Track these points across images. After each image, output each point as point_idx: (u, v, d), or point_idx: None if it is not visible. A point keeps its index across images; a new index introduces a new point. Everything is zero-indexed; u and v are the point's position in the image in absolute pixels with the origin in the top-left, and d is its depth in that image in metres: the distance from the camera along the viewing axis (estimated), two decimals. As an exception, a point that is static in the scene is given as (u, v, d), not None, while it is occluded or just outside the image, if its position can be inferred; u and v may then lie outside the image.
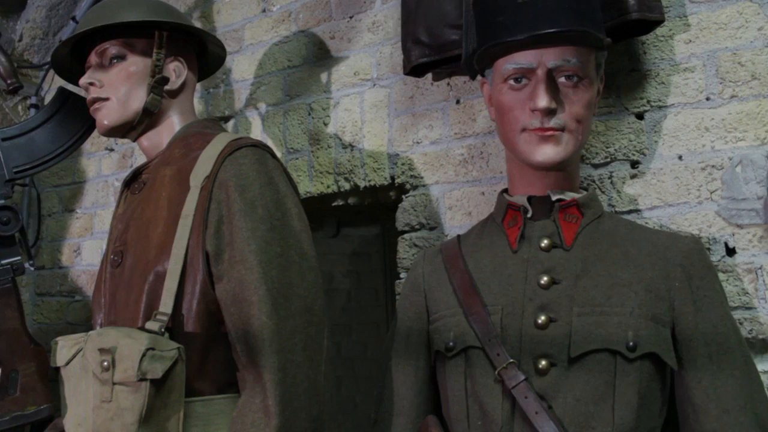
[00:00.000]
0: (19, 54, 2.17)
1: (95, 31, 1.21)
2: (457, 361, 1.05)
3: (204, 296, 1.07)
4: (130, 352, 0.99)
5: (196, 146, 1.21)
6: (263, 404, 1.00)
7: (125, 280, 1.16)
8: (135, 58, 1.23)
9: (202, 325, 1.07)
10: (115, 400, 1.00)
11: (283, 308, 1.03)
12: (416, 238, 1.42)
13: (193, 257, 1.08)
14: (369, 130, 1.51)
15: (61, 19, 2.14)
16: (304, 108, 1.61)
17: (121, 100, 1.22)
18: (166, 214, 1.14)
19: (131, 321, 1.12)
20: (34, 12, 2.09)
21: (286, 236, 1.08)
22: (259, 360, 1.02)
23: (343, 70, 1.57)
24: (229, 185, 1.09)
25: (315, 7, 1.63)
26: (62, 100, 1.36)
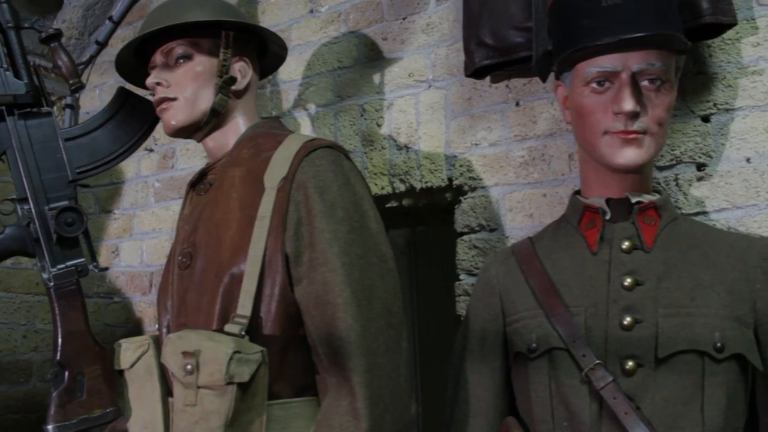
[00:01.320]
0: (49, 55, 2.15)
1: (160, 31, 1.21)
2: (540, 362, 1.05)
3: (283, 298, 1.06)
4: (216, 356, 0.98)
5: (266, 147, 1.20)
6: (351, 407, 0.99)
7: (196, 282, 1.15)
8: (201, 58, 1.22)
9: (280, 327, 1.07)
10: (200, 403, 0.99)
11: (366, 310, 1.03)
12: (476, 240, 1.42)
13: (271, 259, 1.07)
14: (425, 132, 1.50)
15: (97, 19, 2.13)
16: (356, 109, 1.61)
17: (189, 100, 1.21)
18: (239, 216, 1.13)
19: (205, 323, 1.11)
20: (71, 12, 2.07)
21: (365, 238, 1.08)
22: (345, 363, 1.01)
23: (396, 71, 1.56)
24: (308, 186, 1.08)
25: (366, 8, 1.63)
26: (122, 100, 1.35)
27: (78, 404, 1.22)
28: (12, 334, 1.99)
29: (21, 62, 1.28)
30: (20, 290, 2.04)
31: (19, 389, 2.00)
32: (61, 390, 1.20)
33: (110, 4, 2.09)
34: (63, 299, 1.24)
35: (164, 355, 1.05)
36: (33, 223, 1.23)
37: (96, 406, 1.23)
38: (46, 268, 1.23)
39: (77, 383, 1.22)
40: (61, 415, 1.20)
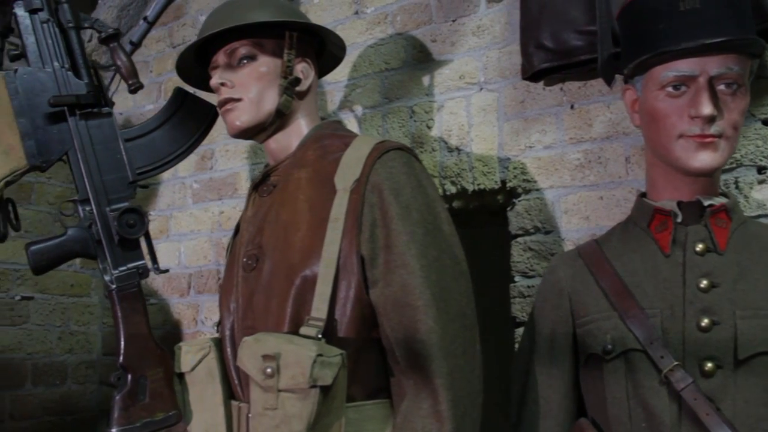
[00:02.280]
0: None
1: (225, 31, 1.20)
2: (616, 363, 1.06)
3: (359, 301, 1.06)
4: (298, 359, 0.97)
5: (333, 148, 1.19)
6: (433, 409, 0.99)
7: (263, 284, 1.15)
8: (265, 59, 1.22)
9: (355, 330, 1.07)
10: (281, 407, 0.99)
11: (445, 313, 1.03)
12: (531, 242, 1.42)
13: (345, 261, 1.07)
14: (477, 134, 1.50)
15: (131, 19, 2.11)
16: (405, 111, 1.61)
17: (254, 101, 1.21)
18: (308, 217, 1.13)
19: (275, 326, 1.10)
20: (105, 12, 2.06)
21: (439, 240, 1.08)
22: (427, 365, 1.01)
23: (446, 73, 1.56)
24: (382, 189, 1.08)
25: (414, 10, 1.63)
26: (180, 101, 1.34)
27: (141, 407, 1.20)
28: (48, 335, 1.98)
29: (81, 62, 1.27)
30: (56, 291, 2.02)
31: (55, 391, 1.98)
32: (124, 393, 1.19)
33: (144, 4, 2.08)
34: (125, 302, 1.22)
35: (240, 358, 1.04)
36: (95, 224, 1.22)
37: (159, 409, 1.22)
38: (107, 270, 1.22)
39: (140, 386, 1.21)
40: (125, 418, 1.18)
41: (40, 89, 1.21)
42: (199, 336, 1.90)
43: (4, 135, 1.17)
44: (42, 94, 1.21)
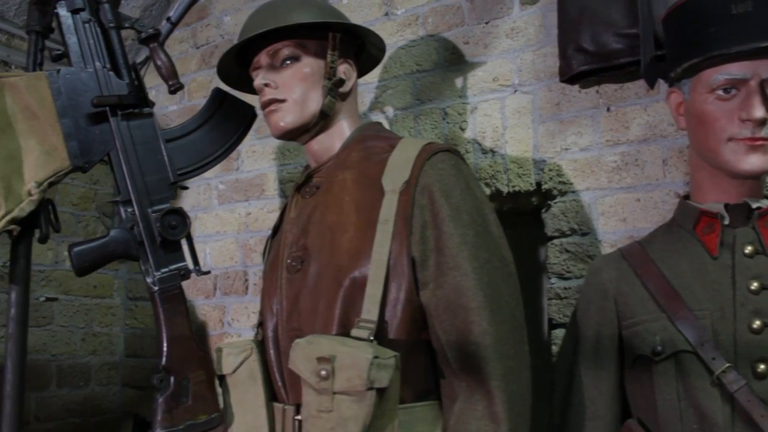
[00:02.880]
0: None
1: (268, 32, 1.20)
2: (666, 365, 1.06)
3: (409, 303, 1.06)
4: (354, 361, 0.97)
5: (378, 150, 1.19)
6: (488, 411, 0.99)
7: (309, 286, 1.14)
8: (308, 60, 1.22)
9: (406, 331, 1.06)
10: (336, 409, 0.98)
11: (497, 315, 1.03)
12: (567, 244, 1.42)
13: (396, 263, 1.07)
14: (512, 136, 1.50)
15: (154, 20, 2.11)
16: (438, 113, 1.61)
17: (298, 102, 1.21)
18: (355, 219, 1.13)
19: (323, 328, 1.10)
20: (128, 12, 2.04)
21: (488, 242, 1.08)
22: (481, 367, 1.01)
23: (480, 75, 1.56)
24: (433, 190, 1.08)
25: (445, 12, 1.63)
26: (219, 101, 1.33)
27: (184, 410, 1.20)
28: (72, 337, 1.96)
29: (122, 62, 1.26)
30: (79, 293, 2.01)
31: (79, 393, 1.97)
32: (167, 395, 1.19)
33: (167, 4, 2.07)
34: (167, 303, 1.22)
35: (292, 360, 1.04)
36: (137, 225, 1.22)
37: (201, 411, 1.21)
38: (150, 272, 1.21)
39: (183, 388, 1.20)
40: (168, 420, 1.18)
41: (83, 89, 1.21)
42: (225, 338, 1.89)
43: (47, 135, 1.16)
44: (84, 94, 1.20)
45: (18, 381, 1.17)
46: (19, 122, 1.16)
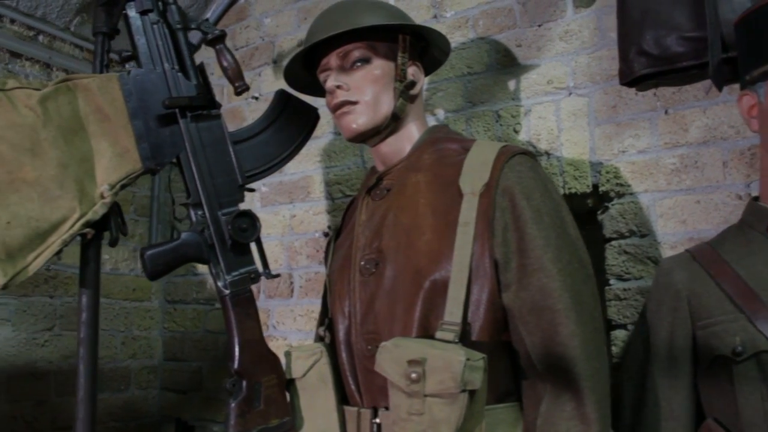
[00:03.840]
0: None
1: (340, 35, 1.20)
2: (747, 365, 1.06)
3: (492, 304, 1.06)
4: (447, 363, 0.97)
5: (451, 152, 1.20)
6: (578, 412, 0.99)
7: (385, 288, 1.14)
8: (379, 62, 1.22)
9: (488, 333, 1.07)
10: (427, 412, 0.98)
11: (581, 316, 1.04)
12: (626, 245, 1.43)
13: (478, 265, 1.07)
14: (567, 139, 1.51)
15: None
16: (491, 115, 1.61)
17: (370, 104, 1.20)
18: (432, 221, 1.13)
19: (402, 331, 1.10)
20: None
21: (568, 244, 1.08)
22: (570, 368, 1.01)
23: (533, 78, 1.57)
24: (514, 192, 1.08)
25: (496, 15, 1.63)
26: (283, 103, 1.33)
27: (256, 414, 1.19)
28: (112, 340, 1.95)
29: (189, 63, 1.25)
30: (119, 296, 1.99)
31: (119, 397, 1.95)
32: (240, 400, 1.18)
33: (205, 6, 2.06)
34: (239, 307, 1.21)
35: (379, 363, 1.04)
36: (207, 228, 1.21)
37: (273, 415, 1.21)
38: (221, 276, 1.20)
39: (255, 393, 1.19)
40: (242, 425, 1.17)
41: (153, 91, 1.20)
42: (270, 341, 1.88)
43: (119, 137, 1.16)
44: (154, 95, 1.20)
45: (91, 385, 1.16)
46: (91, 124, 1.15)
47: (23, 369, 1.71)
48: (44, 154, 1.09)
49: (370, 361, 1.14)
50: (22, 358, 1.71)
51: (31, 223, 1.07)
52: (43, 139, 1.09)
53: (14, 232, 1.05)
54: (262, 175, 1.30)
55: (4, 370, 1.67)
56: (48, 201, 1.08)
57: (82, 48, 1.95)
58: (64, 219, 1.09)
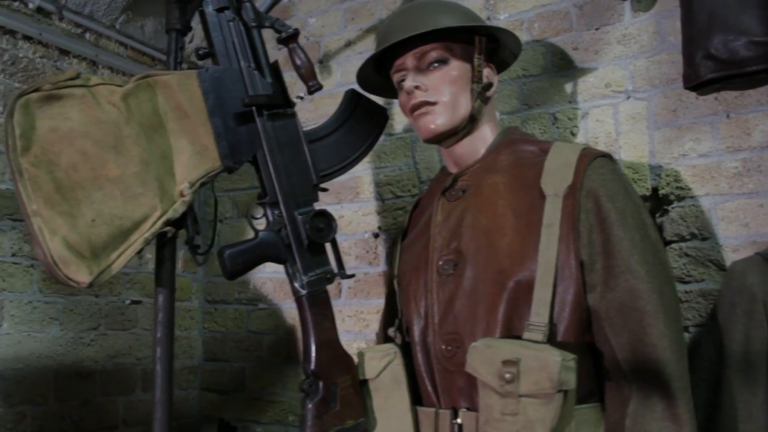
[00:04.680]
0: (187, 55, 2.10)
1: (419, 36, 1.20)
2: None
3: (578, 305, 1.07)
4: (542, 364, 0.97)
5: (529, 154, 1.20)
6: (670, 413, 1.00)
7: (466, 289, 1.14)
8: (456, 63, 1.22)
9: (574, 334, 1.07)
10: (522, 412, 0.98)
11: (669, 317, 1.04)
12: (687, 248, 1.43)
13: (563, 266, 1.07)
14: (626, 142, 1.51)
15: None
16: (547, 117, 1.61)
17: (448, 105, 1.21)
18: (513, 222, 1.13)
19: (485, 331, 1.10)
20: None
21: (651, 245, 1.09)
22: (660, 369, 1.01)
23: (591, 81, 1.57)
24: (599, 195, 1.09)
25: (552, 18, 1.64)
26: (354, 102, 1.33)
27: (333, 415, 1.19)
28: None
29: (264, 61, 1.25)
30: (161, 296, 1.97)
31: (162, 398, 1.93)
32: (317, 401, 1.17)
33: (248, 4, 2.04)
34: (316, 307, 1.20)
35: (470, 364, 1.04)
36: (284, 228, 1.20)
37: (349, 416, 1.20)
38: (297, 276, 1.20)
39: (331, 393, 1.19)
40: (319, 426, 1.17)
41: (230, 88, 1.19)
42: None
43: (198, 135, 1.15)
44: (231, 93, 1.19)
45: (168, 386, 1.15)
46: (170, 121, 1.14)
47: (70, 368, 1.69)
48: (127, 152, 1.08)
49: (450, 361, 1.14)
50: (69, 357, 1.69)
51: (114, 221, 1.05)
52: (125, 136, 1.08)
53: (99, 230, 1.04)
54: (335, 174, 1.30)
55: (53, 369, 1.65)
56: (130, 199, 1.07)
57: (126, 46, 1.93)
58: (146, 217, 1.08)
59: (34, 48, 1.71)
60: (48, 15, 1.74)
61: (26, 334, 1.62)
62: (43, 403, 1.63)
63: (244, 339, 1.98)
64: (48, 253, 0.97)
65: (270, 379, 1.92)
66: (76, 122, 1.05)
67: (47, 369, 1.64)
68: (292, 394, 1.88)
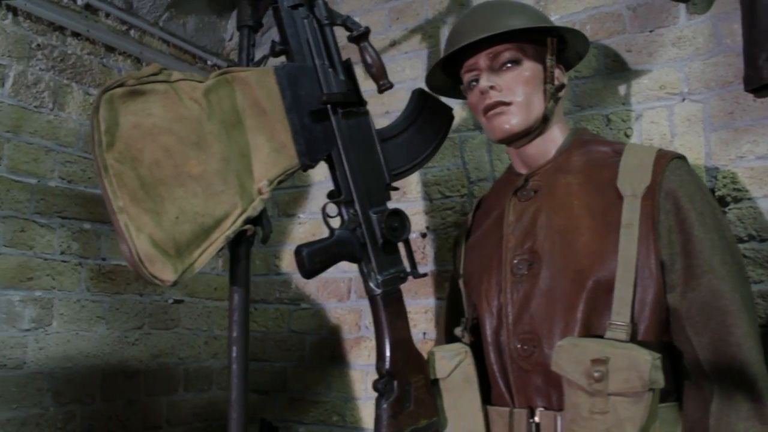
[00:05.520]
0: (226, 53, 2.09)
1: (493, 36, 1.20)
2: None
3: (658, 305, 1.08)
4: (633, 363, 0.98)
5: (603, 155, 1.20)
6: (756, 412, 1.00)
7: (541, 288, 1.15)
8: (529, 64, 1.23)
9: (654, 333, 1.08)
10: (612, 411, 0.98)
11: (751, 317, 1.05)
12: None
13: (643, 266, 1.08)
14: (682, 143, 1.52)
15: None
16: (600, 119, 1.62)
17: (522, 105, 1.21)
18: (590, 223, 1.14)
19: (563, 330, 1.11)
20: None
21: (729, 246, 1.11)
22: (745, 369, 1.02)
23: (645, 83, 1.58)
24: (678, 195, 1.10)
25: (605, 20, 1.64)
26: (422, 102, 1.33)
27: (407, 415, 1.18)
28: (196, 340, 1.91)
29: (337, 59, 1.24)
30: (202, 295, 1.96)
31: (203, 397, 1.92)
32: (392, 400, 1.17)
33: (288, 3, 2.03)
34: (390, 307, 1.20)
35: (556, 362, 1.04)
36: (359, 227, 1.20)
37: (422, 416, 1.20)
38: (372, 275, 1.19)
39: (405, 393, 1.19)
40: (394, 426, 1.16)
41: (306, 85, 1.19)
42: (363, 342, 1.86)
43: (275, 132, 1.14)
44: (307, 90, 1.18)
45: (244, 385, 1.14)
46: (248, 118, 1.13)
47: (116, 367, 1.67)
48: (209, 148, 1.07)
49: (526, 361, 1.14)
50: (115, 356, 1.67)
51: (197, 219, 1.04)
52: (207, 133, 1.07)
53: (182, 227, 1.03)
54: (406, 173, 1.29)
55: (100, 368, 1.64)
56: (211, 196, 1.06)
57: (169, 43, 1.92)
58: (227, 215, 1.08)
59: (82, 44, 1.69)
60: (95, 12, 1.73)
61: (75, 332, 1.61)
62: (91, 402, 1.61)
63: (286, 339, 1.97)
64: (134, 250, 0.96)
65: (314, 379, 1.91)
66: (158, 118, 1.04)
67: (95, 368, 1.62)
68: (337, 395, 1.87)
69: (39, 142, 1.59)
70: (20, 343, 1.50)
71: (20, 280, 1.51)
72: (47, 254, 1.58)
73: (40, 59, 1.60)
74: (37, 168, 1.57)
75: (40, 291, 1.55)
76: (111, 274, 1.70)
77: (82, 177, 1.67)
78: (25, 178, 1.55)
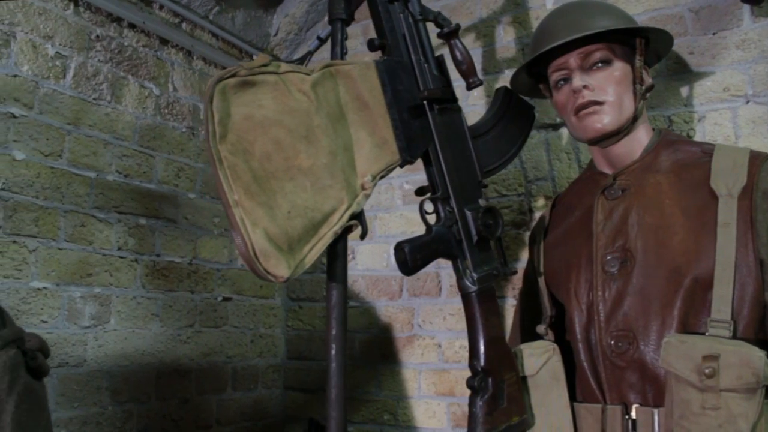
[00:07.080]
0: (270, 48, 2.06)
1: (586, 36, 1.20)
2: None
3: (756, 303, 1.10)
4: (744, 359, 1.00)
5: (692, 155, 1.22)
6: None
7: (636, 287, 1.16)
8: (619, 64, 1.23)
9: (753, 330, 1.10)
10: (724, 407, 1.00)
11: None
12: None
13: (742, 264, 1.10)
14: (746, 145, 1.54)
15: (319, 14, 2.05)
16: (662, 120, 1.63)
17: (614, 105, 1.22)
18: (683, 221, 1.15)
19: (660, 327, 1.13)
20: (295, 7, 1.99)
21: None
22: None
23: (708, 85, 1.60)
24: None
25: (666, 22, 1.66)
26: (508, 99, 1.32)
27: (501, 412, 1.18)
28: (243, 338, 1.88)
29: (431, 55, 1.23)
30: (248, 293, 1.93)
31: (250, 396, 1.89)
32: (487, 397, 1.17)
33: None
34: (485, 304, 1.20)
35: (665, 358, 1.05)
36: (455, 224, 1.19)
37: (515, 413, 1.20)
38: (467, 272, 1.19)
39: (499, 390, 1.18)
40: (490, 423, 1.16)
41: (404, 81, 1.18)
42: (416, 340, 1.85)
43: (377, 127, 1.13)
44: (405, 85, 1.18)
45: (343, 384, 1.12)
46: (351, 112, 1.12)
47: (170, 366, 1.63)
48: (317, 142, 1.05)
49: (621, 357, 1.15)
50: (168, 354, 1.64)
51: (307, 213, 1.03)
52: (316, 126, 1.06)
53: (294, 222, 1.01)
54: (496, 170, 1.29)
55: (155, 366, 1.60)
56: (320, 191, 1.04)
57: (218, 37, 1.88)
58: (333, 210, 1.06)
59: (137, 37, 1.65)
60: (149, 3, 1.69)
61: (131, 330, 1.56)
62: (146, 401, 1.58)
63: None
64: (250, 245, 0.94)
65: (363, 378, 1.89)
66: (269, 110, 1.02)
67: (150, 366, 1.58)
68: (388, 393, 1.85)
69: (98, 135, 1.54)
70: (81, 341, 1.45)
71: (81, 276, 1.47)
72: (105, 250, 1.53)
73: (99, 51, 1.56)
74: (96, 162, 1.53)
75: (99, 287, 1.51)
76: (165, 270, 1.66)
77: (137, 171, 1.63)
78: (85, 172, 1.51)
